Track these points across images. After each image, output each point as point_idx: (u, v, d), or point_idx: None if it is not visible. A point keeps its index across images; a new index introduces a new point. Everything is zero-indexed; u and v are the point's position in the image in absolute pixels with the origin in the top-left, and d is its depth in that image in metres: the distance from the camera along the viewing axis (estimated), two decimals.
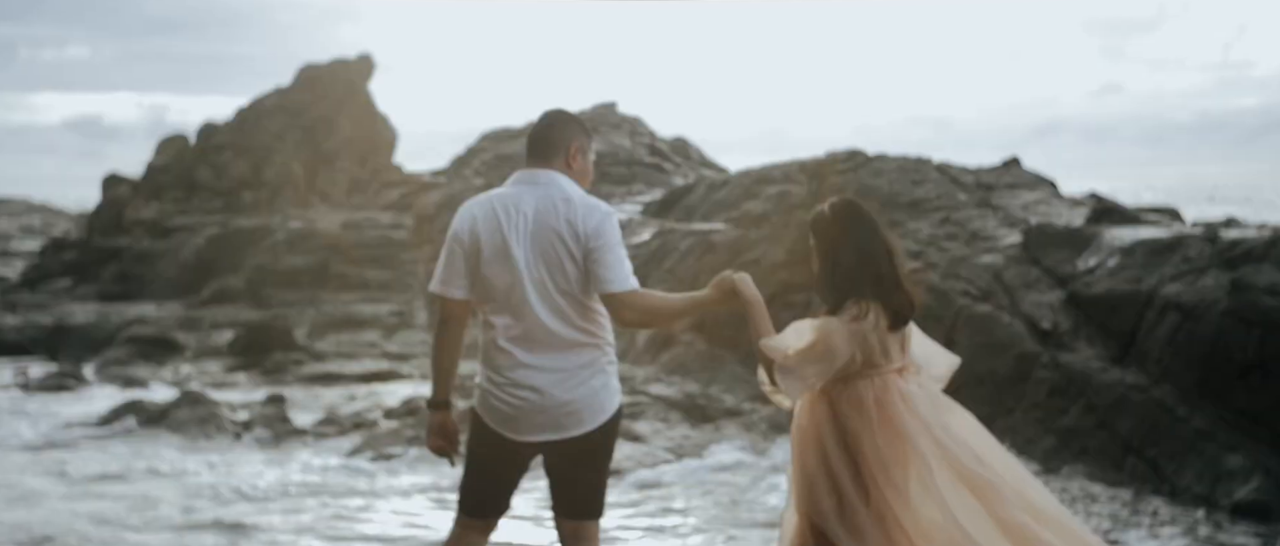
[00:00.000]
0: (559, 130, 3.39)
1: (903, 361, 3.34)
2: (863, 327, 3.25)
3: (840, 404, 3.29)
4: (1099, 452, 6.40)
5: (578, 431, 3.30)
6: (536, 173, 3.33)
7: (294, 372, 10.77)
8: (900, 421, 3.24)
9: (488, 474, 3.39)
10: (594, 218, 3.26)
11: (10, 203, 48.21)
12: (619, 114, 18.74)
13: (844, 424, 3.28)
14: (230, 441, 7.93)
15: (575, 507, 3.39)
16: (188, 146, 22.01)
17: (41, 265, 19.56)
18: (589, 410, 3.30)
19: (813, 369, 3.24)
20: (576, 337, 3.28)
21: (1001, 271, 7.82)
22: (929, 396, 3.34)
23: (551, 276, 3.25)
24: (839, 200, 3.44)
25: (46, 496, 6.38)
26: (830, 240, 3.36)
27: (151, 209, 20.26)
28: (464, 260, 3.29)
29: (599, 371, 3.32)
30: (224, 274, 16.54)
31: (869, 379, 3.27)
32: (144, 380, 10.62)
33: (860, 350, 3.25)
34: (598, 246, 3.23)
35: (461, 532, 3.40)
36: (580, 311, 3.28)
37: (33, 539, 5.51)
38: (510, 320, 3.26)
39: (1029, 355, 7.08)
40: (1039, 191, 9.72)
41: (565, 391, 3.27)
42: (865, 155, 10.61)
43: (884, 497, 3.21)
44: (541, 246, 3.25)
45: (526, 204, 3.28)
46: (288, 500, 6.40)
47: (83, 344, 12.94)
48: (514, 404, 3.27)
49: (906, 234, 8.81)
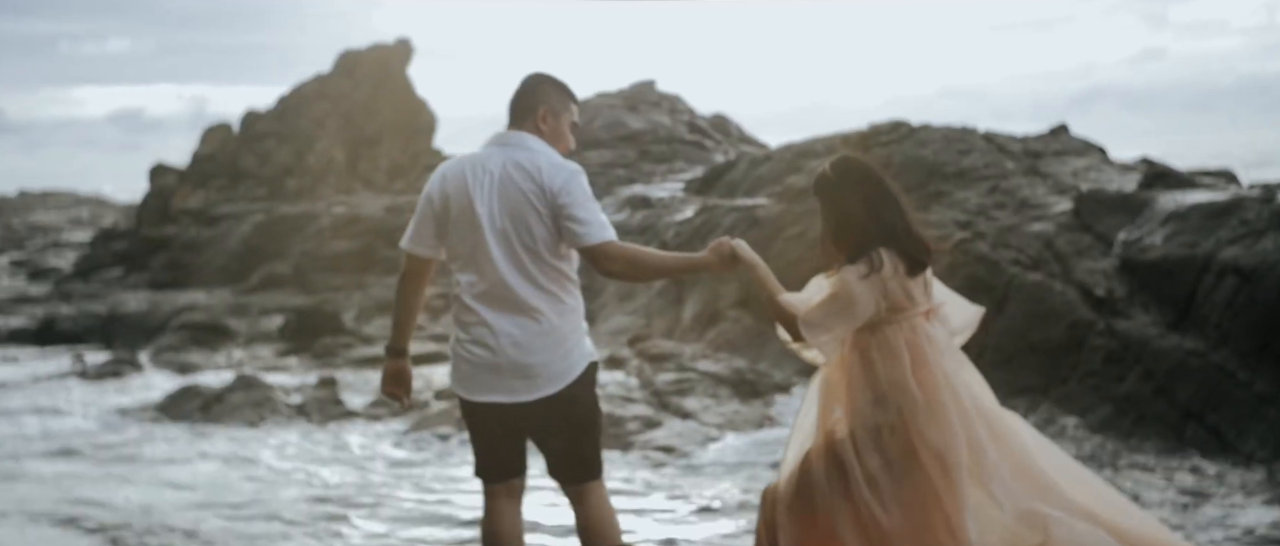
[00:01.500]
0: (530, 93, 3.40)
1: (927, 304, 3.34)
2: (882, 277, 3.24)
3: (871, 352, 3.28)
4: (1158, 420, 6.32)
5: (530, 397, 3.29)
6: (508, 134, 3.36)
7: (343, 356, 10.89)
8: (932, 365, 3.26)
9: (475, 437, 3.42)
10: (560, 176, 3.26)
11: (58, 195, 49.10)
12: (658, 92, 18.68)
13: (877, 372, 3.26)
14: (287, 423, 8.05)
15: (564, 472, 3.41)
16: (232, 135, 22.26)
17: (92, 255, 19.90)
18: (546, 375, 3.28)
19: (838, 321, 3.24)
20: (539, 299, 3.27)
21: (1053, 239, 7.72)
22: (949, 344, 3.36)
23: (517, 235, 3.26)
24: (838, 158, 3.44)
25: (132, 481, 6.49)
26: (836, 198, 3.36)
27: (198, 198, 20.53)
28: (433, 219, 3.34)
29: (560, 339, 3.29)
30: (271, 260, 16.74)
31: (898, 325, 3.26)
32: (197, 366, 10.79)
33: (884, 298, 3.25)
34: (566, 202, 3.23)
35: (489, 500, 3.44)
36: (546, 273, 3.28)
37: (140, 524, 5.57)
38: (474, 278, 3.30)
39: (1083, 323, 6.99)
40: (1088, 158, 9.57)
41: (521, 354, 3.26)
42: (909, 126, 10.51)
43: (921, 442, 3.20)
44: (507, 205, 3.26)
45: (494, 163, 3.31)
46: (365, 480, 6.46)
47: (136, 332, 13.17)
48: (470, 362, 3.31)
49: (954, 204, 8.72)
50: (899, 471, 3.21)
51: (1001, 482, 3.23)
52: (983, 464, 3.22)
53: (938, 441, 3.19)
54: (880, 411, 3.24)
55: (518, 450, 3.42)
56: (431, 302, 13.47)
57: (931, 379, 3.24)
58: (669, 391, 7.91)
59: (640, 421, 7.24)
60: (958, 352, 3.39)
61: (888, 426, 3.23)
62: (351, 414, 8.26)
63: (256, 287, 15.82)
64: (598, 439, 3.46)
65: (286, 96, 22.58)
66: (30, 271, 20.78)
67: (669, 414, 7.51)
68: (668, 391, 7.91)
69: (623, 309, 10.87)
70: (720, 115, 18.73)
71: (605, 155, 15.71)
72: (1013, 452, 3.30)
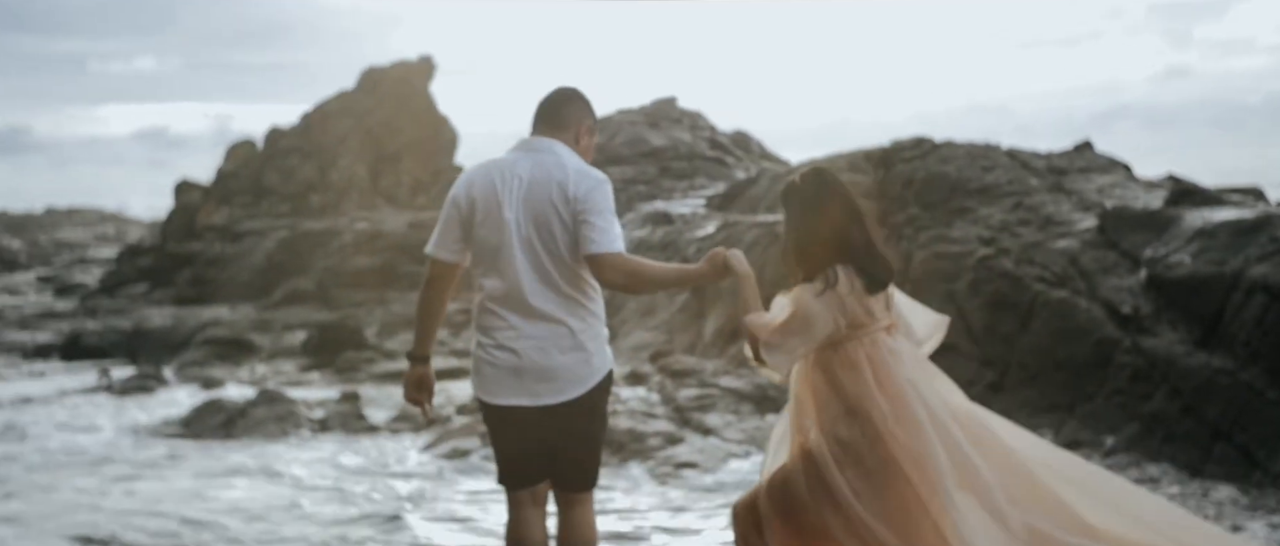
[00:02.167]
0: (574, 107, 3.44)
1: (888, 319, 3.35)
2: (838, 294, 3.26)
3: (834, 369, 3.29)
4: (1186, 439, 6.25)
5: (553, 400, 3.30)
6: (538, 140, 3.38)
7: (366, 371, 10.93)
8: (896, 377, 3.26)
9: (501, 443, 3.42)
10: (586, 183, 3.29)
11: (84, 212, 49.60)
12: (679, 108, 18.71)
13: (843, 389, 3.28)
14: (310, 437, 8.07)
15: (565, 478, 3.40)
16: (256, 152, 22.44)
17: (118, 271, 20.06)
18: (568, 379, 3.30)
19: (795, 341, 3.26)
20: (563, 304, 3.29)
21: (1078, 256, 7.67)
22: (915, 357, 3.37)
23: (541, 240, 3.28)
24: (809, 169, 3.44)
25: (160, 496, 6.51)
26: (798, 209, 3.37)
27: (222, 214, 20.69)
28: (459, 224, 3.34)
29: (582, 343, 3.32)
30: (294, 276, 16.84)
31: (858, 340, 3.28)
32: (221, 380, 10.85)
33: (842, 315, 3.26)
34: (586, 209, 3.26)
35: (514, 509, 3.43)
36: (568, 278, 3.30)
37: (188, 539, 5.58)
38: (498, 282, 3.31)
39: (1109, 340, 6.93)
40: (1113, 174, 9.51)
41: (544, 357, 3.28)
42: (932, 142, 10.48)
43: (898, 450, 3.20)
44: (533, 210, 3.28)
45: (522, 168, 3.32)
46: (392, 493, 6.47)
47: (160, 346, 13.26)
48: (494, 365, 3.32)
49: (977, 220, 8.68)
50: (879, 482, 3.20)
51: (998, 489, 3.20)
52: (967, 468, 3.20)
53: (913, 448, 3.19)
54: (850, 425, 3.25)
55: (539, 456, 3.43)
56: (452, 318, 13.52)
57: (897, 390, 3.25)
58: (691, 407, 7.90)
59: (662, 437, 7.23)
60: (925, 363, 3.40)
61: (861, 439, 3.23)
62: (374, 428, 8.28)
63: (280, 303, 15.90)
64: (601, 449, 3.49)
65: (310, 113, 22.76)
66: (57, 287, 20.97)
67: (691, 430, 7.49)
68: (689, 407, 7.90)
69: (644, 325, 10.87)
70: (741, 132, 18.76)
71: (627, 171, 15.74)
72: (996, 454, 3.28)
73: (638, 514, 5.80)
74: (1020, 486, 3.25)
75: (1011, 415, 7.02)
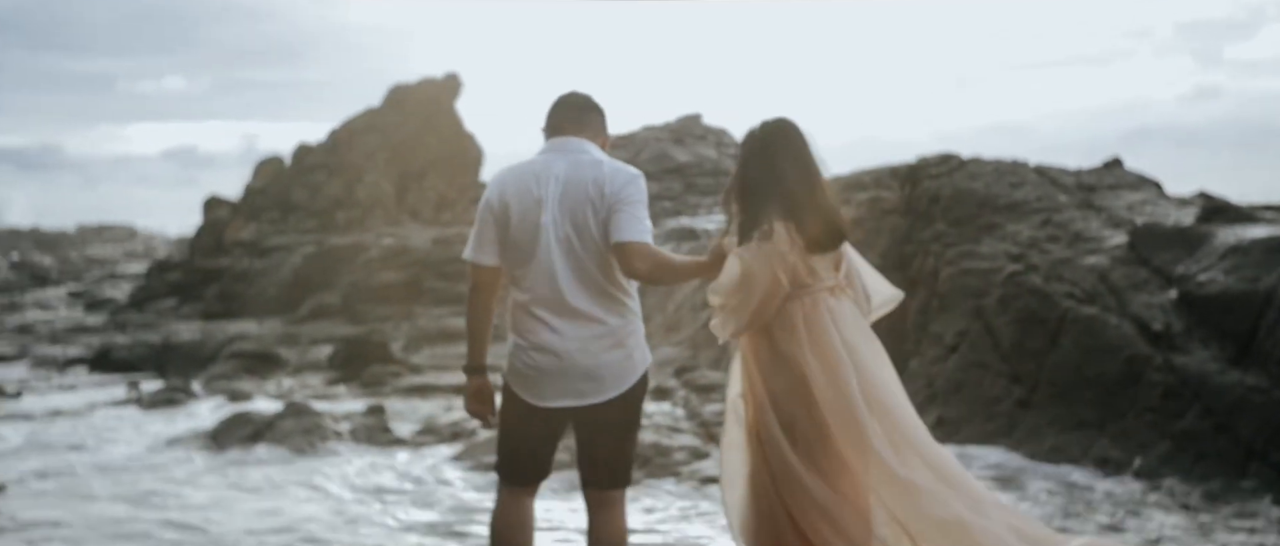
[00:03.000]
0: (597, 116, 3.48)
1: (835, 281, 3.31)
2: (775, 247, 3.21)
3: (773, 328, 3.28)
4: (1219, 457, 6.17)
5: (598, 398, 3.30)
6: (570, 141, 3.38)
7: (392, 384, 10.96)
8: (830, 337, 3.23)
9: (520, 441, 3.41)
10: (621, 177, 3.31)
11: (114, 229, 50.17)
12: (704, 125, 18.74)
13: (777, 345, 3.26)
14: (337, 450, 8.10)
15: (600, 476, 3.40)
16: (283, 168, 22.64)
17: (147, 286, 20.25)
18: (611, 377, 3.30)
19: (736, 299, 3.25)
20: (602, 303, 3.30)
21: (1108, 272, 7.61)
22: (854, 318, 3.32)
23: (580, 239, 3.28)
24: (774, 119, 3.37)
25: (191, 508, 6.53)
26: (749, 155, 3.35)
27: (250, 230, 20.87)
28: (494, 227, 3.34)
29: (622, 340, 3.32)
30: (320, 291, 16.95)
31: (799, 299, 3.25)
32: (249, 393, 10.91)
33: (784, 272, 3.22)
34: (619, 200, 3.27)
35: (505, 498, 3.43)
36: (608, 276, 3.30)
37: None
38: (537, 284, 3.30)
39: (1140, 357, 6.87)
40: (1144, 192, 9.44)
41: (587, 357, 3.28)
42: (959, 158, 10.42)
43: (827, 413, 3.20)
44: (570, 209, 3.28)
45: (558, 169, 3.32)
46: (427, 500, 6.47)
47: (189, 360, 13.37)
48: (538, 368, 3.31)
49: (1005, 236, 8.63)
50: (815, 440, 3.22)
51: (891, 454, 3.22)
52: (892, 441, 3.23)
53: (842, 409, 3.18)
54: (780, 380, 3.24)
55: (548, 456, 3.45)
56: None
57: (831, 352, 3.22)
58: (715, 422, 7.88)
59: (687, 452, 7.21)
60: (864, 328, 3.36)
61: (796, 403, 3.23)
62: (400, 441, 8.30)
63: (306, 317, 16.00)
64: (634, 448, 3.49)
65: (337, 130, 22.95)
66: (87, 302, 21.19)
67: (715, 445, 7.47)
68: (714, 422, 7.87)
69: (669, 340, 10.85)
70: None
71: (651, 188, 15.70)
72: (898, 428, 3.29)
73: (661, 530, 5.78)
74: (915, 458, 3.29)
75: (1040, 432, 7.00)
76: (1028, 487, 6.24)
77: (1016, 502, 5.90)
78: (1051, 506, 5.85)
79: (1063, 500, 5.97)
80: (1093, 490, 6.14)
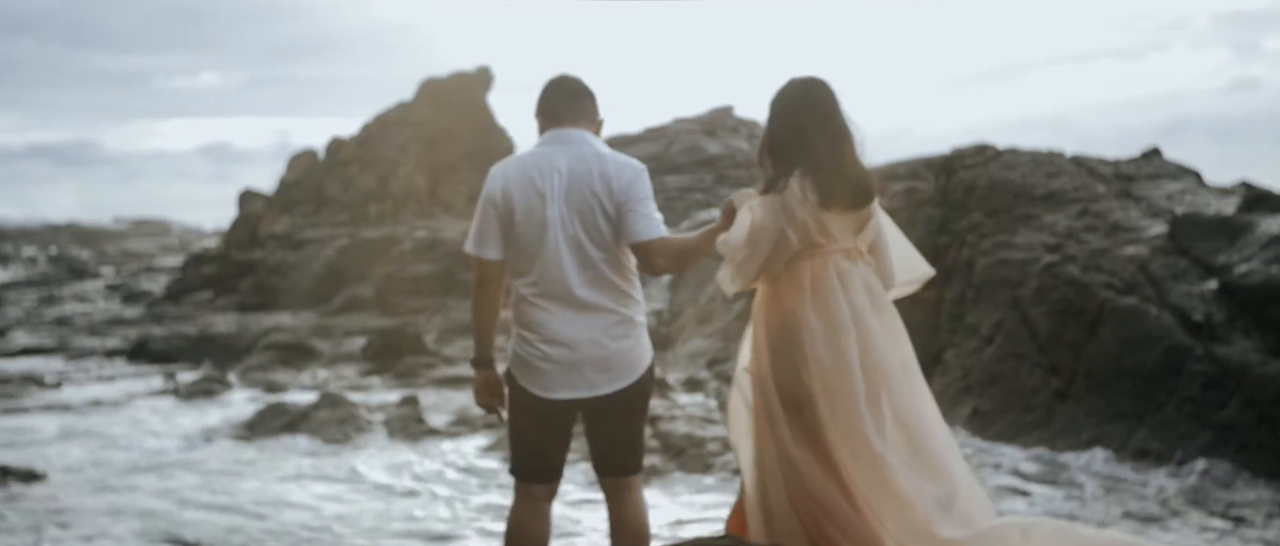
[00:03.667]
0: (590, 102, 3.43)
1: (851, 243, 3.23)
2: (784, 201, 3.16)
3: (780, 284, 3.24)
4: (1261, 449, 6.08)
5: (609, 389, 3.30)
6: (569, 131, 3.36)
7: (425, 375, 11.02)
8: (833, 298, 3.17)
9: (532, 437, 3.40)
10: (627, 173, 3.29)
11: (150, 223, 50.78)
12: (736, 117, 18.68)
13: (784, 307, 3.22)
14: (372, 439, 8.16)
15: (615, 463, 3.40)
16: (317, 162, 22.78)
17: (184, 279, 20.45)
18: (621, 367, 3.30)
19: (743, 253, 3.21)
20: (609, 294, 3.28)
21: (1147, 262, 7.51)
22: (867, 286, 3.23)
23: (586, 233, 3.27)
24: (800, 77, 3.32)
25: (232, 494, 6.58)
26: (775, 111, 3.29)
27: (284, 223, 21.01)
28: (497, 221, 3.31)
29: (630, 330, 3.32)
30: (354, 283, 17.05)
31: (810, 259, 3.20)
32: (284, 384, 11.00)
33: (792, 227, 3.17)
34: (629, 199, 3.25)
35: (524, 499, 3.40)
36: (614, 268, 3.29)
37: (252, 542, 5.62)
38: (545, 278, 3.28)
39: (1180, 348, 6.78)
40: (1183, 181, 9.31)
41: (597, 348, 3.27)
42: (995, 149, 10.32)
43: (811, 383, 3.14)
44: (576, 203, 3.27)
45: (560, 161, 3.30)
46: (492, 493, 6.48)
47: (225, 352, 13.49)
48: (548, 361, 3.29)
49: (1042, 227, 8.54)
50: (805, 406, 3.18)
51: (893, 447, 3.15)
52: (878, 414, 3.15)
53: (835, 374, 3.13)
54: (781, 344, 3.21)
55: (563, 449, 3.43)
56: (508, 325, 13.60)
57: (835, 314, 3.16)
58: None
59: (720, 443, 7.19)
60: (879, 299, 3.26)
61: (789, 364, 3.19)
62: (434, 431, 8.35)
63: (340, 309, 16.11)
64: (644, 431, 3.50)
65: (370, 124, 23.06)
66: (124, 295, 21.45)
67: None
68: None
69: (700, 332, 10.83)
70: None
71: (683, 179, 15.74)
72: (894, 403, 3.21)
73: (690, 521, 5.77)
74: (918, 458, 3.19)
75: (1079, 423, 6.92)
76: (1079, 483, 6.15)
77: (1065, 499, 5.83)
78: (1103, 503, 5.75)
79: (1116, 495, 5.87)
80: (1146, 485, 6.05)
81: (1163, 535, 5.13)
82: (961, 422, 7.41)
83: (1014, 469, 6.52)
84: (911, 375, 3.29)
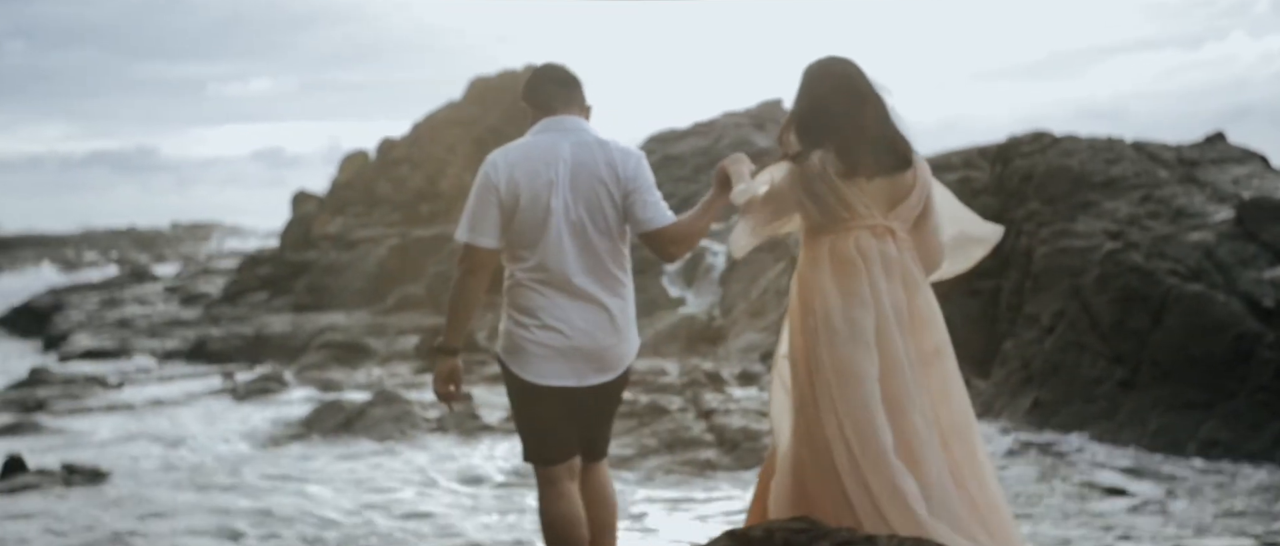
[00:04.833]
0: (577, 88, 3.42)
1: (878, 220, 3.13)
2: (803, 172, 3.11)
3: (802, 259, 3.22)
4: None
5: (596, 381, 3.32)
6: (567, 119, 3.35)
7: (477, 373, 11.05)
8: (853, 270, 3.09)
9: (537, 423, 3.39)
10: (632, 160, 3.30)
11: (206, 227, 51.66)
12: (785, 110, 18.54)
13: (805, 278, 3.19)
14: (428, 437, 8.20)
15: (592, 449, 3.46)
16: (368, 162, 23.00)
17: (239, 280, 20.74)
18: (610, 362, 3.33)
19: (759, 214, 3.20)
20: (604, 285, 3.29)
21: (1213, 248, 7.32)
22: (892, 263, 3.12)
23: (591, 219, 3.27)
24: (829, 56, 3.28)
25: (303, 494, 6.59)
26: (797, 95, 3.27)
27: (337, 223, 21.24)
28: (498, 209, 3.29)
29: (621, 326, 3.34)
30: (406, 282, 17.18)
31: (830, 232, 3.14)
32: (339, 383, 11.10)
33: (810, 200, 3.11)
34: (637, 187, 3.27)
35: (550, 484, 3.39)
36: (613, 257, 3.31)
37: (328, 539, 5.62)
38: (541, 263, 3.28)
39: (1250, 335, 6.59)
40: (1249, 166, 9.06)
41: (590, 341, 3.29)
42: (1052, 136, 10.12)
43: (834, 349, 3.08)
44: (582, 190, 3.27)
45: (563, 150, 3.29)
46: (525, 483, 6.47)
47: (280, 351, 13.66)
48: (540, 346, 3.29)
49: (1102, 214, 8.35)
50: (815, 374, 3.14)
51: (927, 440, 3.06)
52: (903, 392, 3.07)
53: (846, 344, 3.06)
54: (807, 320, 3.16)
55: (574, 429, 3.43)
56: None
57: (854, 284, 3.09)
58: None
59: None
60: (911, 278, 3.16)
61: (801, 344, 3.16)
62: (488, 428, 8.36)
63: (392, 308, 16.23)
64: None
65: (420, 124, 23.23)
66: (182, 297, 21.80)
67: None
68: None
69: (753, 325, 10.75)
70: None
71: None
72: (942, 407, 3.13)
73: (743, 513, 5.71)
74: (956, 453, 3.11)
75: (1145, 414, 6.75)
76: (1169, 476, 5.96)
77: (1159, 495, 5.64)
78: (1199, 503, 5.51)
79: (1206, 493, 5.66)
80: (1236, 478, 5.86)
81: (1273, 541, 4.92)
82: (1022, 414, 7.28)
83: (1093, 461, 6.38)
84: (934, 363, 3.18)
